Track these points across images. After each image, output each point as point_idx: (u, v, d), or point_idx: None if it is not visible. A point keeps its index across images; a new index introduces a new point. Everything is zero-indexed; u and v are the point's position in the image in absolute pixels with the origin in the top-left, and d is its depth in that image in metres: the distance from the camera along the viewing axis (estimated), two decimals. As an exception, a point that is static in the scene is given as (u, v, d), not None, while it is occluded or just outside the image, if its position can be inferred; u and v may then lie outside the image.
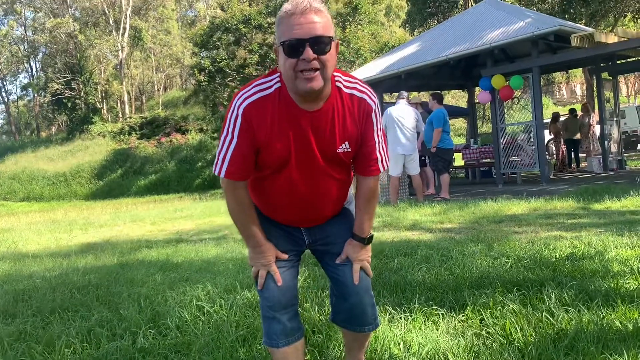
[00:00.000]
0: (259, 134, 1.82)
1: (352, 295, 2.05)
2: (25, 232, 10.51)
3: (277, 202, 2.00)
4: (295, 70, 1.72)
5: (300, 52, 1.70)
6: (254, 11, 25.92)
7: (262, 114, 1.81)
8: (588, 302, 2.86)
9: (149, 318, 3.13)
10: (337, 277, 2.08)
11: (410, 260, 4.19)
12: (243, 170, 1.87)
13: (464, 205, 7.76)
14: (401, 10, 42.63)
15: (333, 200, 2.05)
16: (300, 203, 1.98)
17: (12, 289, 4.30)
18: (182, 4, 55.47)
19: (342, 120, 1.88)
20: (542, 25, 10.24)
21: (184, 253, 5.74)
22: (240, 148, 1.83)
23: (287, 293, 2.02)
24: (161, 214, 12.98)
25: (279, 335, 2.01)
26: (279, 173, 1.91)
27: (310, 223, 2.08)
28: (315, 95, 1.79)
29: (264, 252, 1.99)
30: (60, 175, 32.96)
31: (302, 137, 1.85)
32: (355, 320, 2.10)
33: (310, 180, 1.94)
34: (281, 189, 1.95)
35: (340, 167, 1.99)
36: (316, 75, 1.72)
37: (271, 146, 1.84)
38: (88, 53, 39.46)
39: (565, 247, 4.27)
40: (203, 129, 34.18)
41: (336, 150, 1.90)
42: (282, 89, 1.83)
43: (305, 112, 1.83)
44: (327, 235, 2.10)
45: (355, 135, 1.92)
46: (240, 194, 1.91)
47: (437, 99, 9.69)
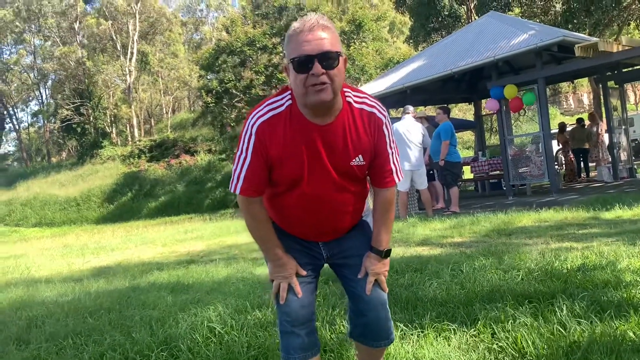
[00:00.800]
0: (272, 151, 1.87)
1: (369, 310, 2.06)
2: (38, 258, 10.58)
3: (293, 217, 2.03)
4: (306, 85, 1.77)
5: (309, 67, 1.75)
6: (258, 33, 26.21)
7: (274, 132, 1.86)
8: (600, 313, 2.83)
9: (160, 341, 3.13)
10: (355, 291, 2.09)
11: (421, 276, 4.18)
12: (257, 187, 1.91)
13: (474, 218, 7.73)
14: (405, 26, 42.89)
15: (349, 213, 2.07)
16: (316, 217, 2.01)
17: (26, 315, 4.33)
18: (188, 27, 56.26)
19: (354, 134, 1.92)
20: (545, 36, 10.27)
21: (194, 274, 5.75)
22: (253, 166, 1.88)
23: (306, 308, 2.03)
24: (172, 235, 13.03)
25: (296, 350, 2.02)
26: (294, 189, 1.95)
27: (328, 237, 2.10)
28: (325, 108, 1.84)
29: (284, 265, 2.01)
30: (71, 200, 33.21)
31: (314, 152, 1.89)
32: (372, 335, 2.11)
33: (325, 195, 1.96)
34: (296, 204, 1.98)
35: (355, 181, 2.01)
36: (326, 87, 1.77)
37: (284, 162, 1.88)
38: (96, 78, 40.02)
39: (577, 258, 4.23)
40: (212, 149, 34.39)
41: (349, 163, 1.93)
42: (293, 106, 1.88)
43: (316, 126, 1.87)
44: (345, 249, 2.11)
45: (368, 149, 1.95)
46: (256, 209, 1.96)
47: (445, 112, 9.72)
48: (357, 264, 2.10)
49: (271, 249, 2.01)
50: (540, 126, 10.73)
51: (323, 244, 2.12)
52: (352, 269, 2.11)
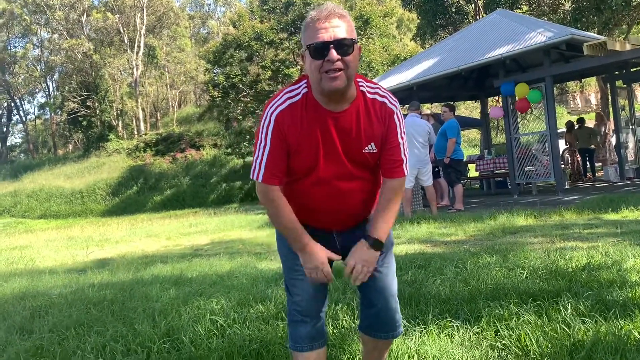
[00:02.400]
0: (290, 137, 1.92)
1: (379, 300, 2.10)
2: (43, 249, 10.62)
3: (309, 205, 2.06)
4: (321, 72, 1.83)
5: (325, 54, 1.81)
6: (266, 27, 26.17)
7: (292, 119, 1.92)
8: (605, 312, 2.81)
9: (163, 333, 3.14)
10: (368, 282, 2.08)
11: (425, 273, 4.17)
12: (277, 174, 1.96)
13: (478, 216, 7.70)
14: (412, 23, 42.77)
15: (363, 200, 2.09)
16: (331, 204, 2.03)
17: (30, 305, 4.35)
18: (195, 21, 56.25)
19: (367, 122, 1.97)
20: (553, 34, 10.20)
21: (198, 267, 5.76)
22: (274, 153, 1.93)
23: (317, 300, 2.09)
24: (176, 229, 13.06)
25: (304, 339, 2.07)
26: (309, 176, 1.99)
27: (343, 225, 2.12)
28: (339, 94, 1.89)
29: (313, 253, 1.99)
30: (76, 193, 33.32)
31: (328, 138, 1.94)
32: (381, 327, 2.13)
33: (339, 181, 2.00)
34: (312, 191, 2.02)
35: (368, 169, 2.05)
36: (340, 75, 1.83)
37: (301, 149, 1.94)
38: (103, 72, 40.08)
39: (582, 257, 4.21)
40: (217, 144, 34.42)
41: (362, 150, 1.97)
42: (309, 93, 1.94)
43: (330, 112, 1.93)
44: (359, 239, 2.09)
45: (381, 137, 2.00)
46: (275, 197, 1.98)
47: (451, 110, 9.68)
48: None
49: (298, 237, 1.99)
50: (547, 125, 10.66)
51: (337, 234, 2.12)
52: None
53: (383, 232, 2.02)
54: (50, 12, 43.14)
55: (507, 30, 11.82)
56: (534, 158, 10.98)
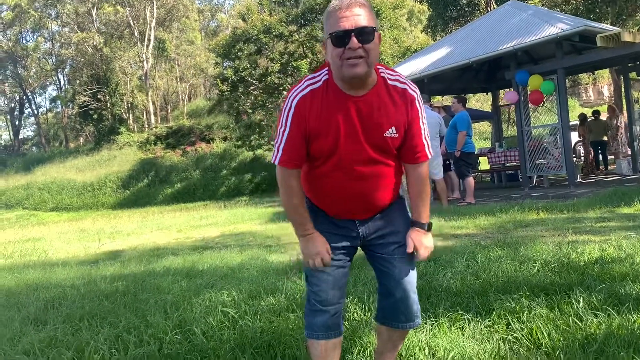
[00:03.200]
0: (310, 122, 1.97)
1: (398, 290, 2.12)
2: (55, 241, 10.73)
3: (330, 192, 2.10)
4: (342, 59, 1.88)
5: (346, 42, 1.86)
6: (275, 20, 26.08)
7: (312, 105, 1.98)
8: (618, 306, 2.79)
9: (175, 324, 3.16)
10: (386, 271, 2.14)
11: (435, 266, 4.16)
12: (295, 159, 2.01)
13: (489, 209, 7.67)
14: (423, 15, 42.47)
15: (383, 187, 2.11)
16: (352, 190, 2.07)
17: (43, 297, 4.39)
18: (204, 14, 56.24)
19: (387, 106, 2.01)
20: (566, 26, 10.09)
21: (209, 260, 5.79)
22: (292, 136, 1.99)
23: (336, 290, 2.12)
24: (187, 221, 13.12)
25: (320, 328, 2.12)
26: (330, 160, 2.03)
27: (364, 213, 2.14)
28: (360, 80, 1.94)
29: (312, 240, 2.07)
30: (88, 185, 33.55)
31: (349, 122, 1.98)
32: (399, 316, 2.16)
33: (359, 167, 2.03)
34: (333, 176, 2.06)
35: (388, 154, 2.07)
36: (361, 62, 1.87)
37: (321, 133, 1.98)
38: (113, 65, 40.21)
39: (594, 250, 4.18)
40: (227, 137, 34.47)
41: (383, 134, 2.00)
42: (330, 80, 2.00)
43: (351, 97, 1.97)
44: (381, 228, 2.16)
45: (402, 122, 2.03)
46: (292, 182, 2.04)
47: (461, 102, 9.62)
48: (392, 242, 2.14)
49: (301, 223, 2.07)
50: (559, 117, 10.58)
51: (360, 222, 2.15)
52: (386, 247, 2.15)
53: (427, 215, 2.17)
54: (60, 5, 43.30)
55: (518, 22, 11.71)
56: (546, 151, 10.90)
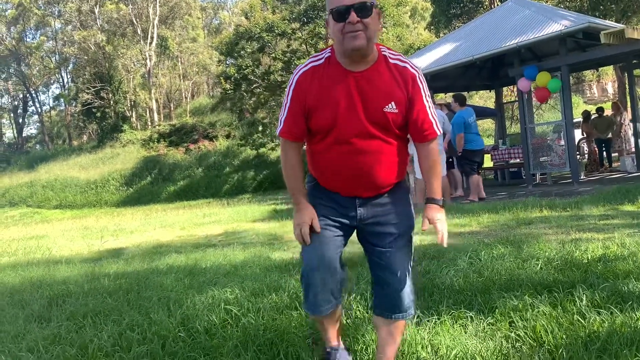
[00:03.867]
0: (310, 97, 2.10)
1: (392, 282, 2.20)
2: (59, 239, 10.75)
3: (331, 168, 2.18)
4: (343, 32, 2.00)
5: (346, 17, 1.99)
6: (278, 18, 26.05)
7: (312, 79, 2.11)
8: (621, 304, 2.79)
9: (178, 322, 3.17)
10: (380, 263, 2.21)
11: (438, 263, 4.16)
12: (294, 131, 2.16)
13: (492, 207, 7.66)
14: (426, 12, 42.37)
15: (383, 164, 2.16)
16: (351, 165, 2.14)
17: (47, 294, 4.41)
18: (207, 12, 56.20)
19: (388, 82, 2.10)
20: (570, 22, 10.05)
21: (212, 257, 5.80)
22: (292, 110, 2.14)
23: (325, 260, 2.15)
24: (190, 219, 13.13)
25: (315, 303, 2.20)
26: (329, 136, 2.12)
27: (365, 190, 2.20)
28: (360, 54, 2.04)
29: (302, 210, 2.19)
30: (91, 183, 33.62)
31: (348, 97, 2.07)
32: (393, 307, 2.22)
33: (358, 142, 2.10)
34: (332, 153, 2.14)
35: (387, 131, 2.13)
36: (360, 34, 1.99)
37: (321, 104, 2.09)
38: (116, 63, 40.24)
39: (597, 248, 4.17)
40: (230, 135, 34.49)
41: (382, 109, 2.08)
42: (332, 57, 2.12)
43: (352, 72, 2.08)
44: (379, 215, 2.22)
45: (402, 100, 2.10)
46: (290, 154, 2.20)
47: (458, 100, 9.56)
48: (388, 233, 2.20)
49: (295, 194, 2.21)
50: (563, 115, 10.55)
51: (360, 202, 2.21)
52: (381, 238, 2.21)
53: (440, 189, 2.26)
54: (62, 3, 43.33)
55: (522, 19, 11.67)
56: (549, 148, 10.87)
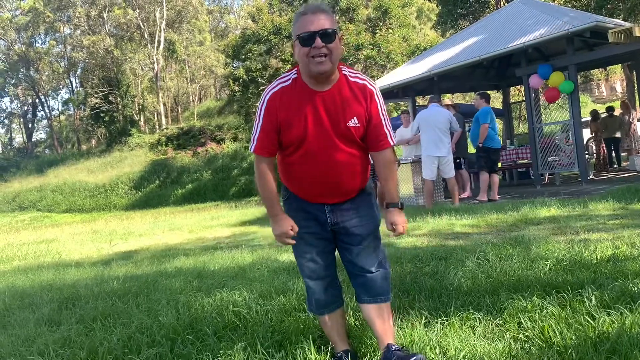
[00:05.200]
0: (280, 114, 2.28)
1: (362, 273, 2.49)
2: (69, 242, 10.83)
3: (301, 178, 2.41)
4: (308, 57, 2.20)
5: (311, 42, 2.19)
6: (285, 21, 26.11)
7: (282, 99, 2.30)
8: (631, 304, 2.76)
9: (186, 324, 3.18)
10: (350, 257, 2.48)
11: (446, 264, 4.15)
12: (267, 147, 2.34)
13: (501, 207, 7.63)
14: (432, 13, 42.27)
15: (348, 174, 2.39)
16: (320, 175, 2.36)
17: (57, 297, 4.44)
18: (214, 15, 56.41)
19: (349, 99, 2.31)
20: (577, 21, 10.00)
21: (220, 260, 5.82)
22: (265, 128, 2.32)
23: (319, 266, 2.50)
24: (198, 222, 13.19)
25: (318, 306, 2.57)
26: (300, 147, 2.32)
27: (332, 197, 2.43)
28: (325, 76, 2.26)
29: (281, 221, 2.38)
30: (100, 187, 33.81)
31: (316, 113, 2.28)
32: (369, 291, 2.49)
33: (326, 154, 2.32)
34: (302, 165, 2.36)
35: (352, 142, 2.35)
36: (325, 60, 2.20)
37: (291, 123, 2.28)
38: (124, 67, 40.46)
39: (607, 248, 4.14)
40: (237, 137, 34.58)
41: (346, 124, 2.30)
42: (298, 78, 2.32)
43: (317, 92, 2.29)
44: (347, 219, 2.45)
45: (362, 114, 2.32)
46: (263, 169, 2.38)
47: (484, 97, 9.56)
48: (357, 234, 2.45)
49: (273, 205, 2.41)
50: (571, 114, 10.49)
51: (329, 210, 2.45)
52: (349, 236, 2.46)
53: (397, 193, 2.49)
54: (72, 8, 43.65)
55: (529, 18, 11.63)
56: (558, 148, 10.81)
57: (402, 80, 12.81)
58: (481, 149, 9.25)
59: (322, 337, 2.80)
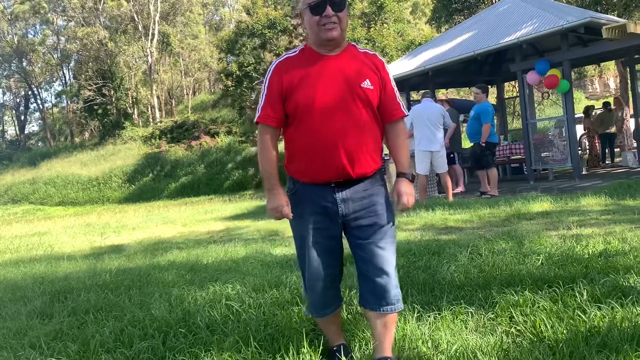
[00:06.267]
0: (286, 80, 2.27)
1: (377, 276, 2.30)
2: (61, 235, 10.78)
3: (311, 147, 2.27)
4: (319, 25, 2.24)
5: (322, 10, 2.23)
6: (280, 15, 26.02)
7: (288, 66, 2.31)
8: (622, 298, 2.79)
9: (179, 318, 3.18)
10: (363, 255, 2.32)
11: (439, 259, 4.16)
12: (272, 115, 2.30)
13: (494, 202, 7.66)
14: (427, 7, 42.24)
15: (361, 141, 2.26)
16: (332, 142, 2.23)
17: (49, 290, 4.42)
18: (208, 8, 56.12)
19: (361, 64, 2.31)
20: (571, 17, 10.02)
21: (213, 254, 5.81)
22: (270, 96, 2.30)
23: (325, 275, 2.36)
24: (192, 215, 13.16)
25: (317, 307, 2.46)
26: (309, 114, 2.24)
27: (344, 172, 2.26)
28: (335, 43, 2.28)
29: (276, 195, 2.32)
30: (93, 180, 33.64)
31: (326, 75, 2.26)
32: (380, 300, 2.31)
33: (338, 117, 2.23)
34: (313, 132, 2.25)
35: (366, 107, 2.28)
36: (335, 27, 2.24)
37: (298, 86, 2.25)
38: (118, 60, 40.22)
39: (598, 243, 4.17)
40: (232, 131, 34.48)
41: (360, 84, 2.26)
42: (306, 48, 2.35)
43: (327, 55, 2.30)
44: (360, 209, 2.31)
45: (376, 80, 2.31)
46: (267, 139, 2.32)
47: (484, 91, 9.37)
48: (368, 225, 2.31)
49: (271, 178, 2.34)
50: (564, 110, 10.52)
51: (341, 199, 2.30)
52: (363, 230, 2.31)
53: (408, 165, 2.40)
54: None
55: (524, 14, 11.64)
56: (551, 144, 10.84)
57: (397, 75, 12.78)
58: (485, 146, 9.22)
59: (315, 330, 2.80)
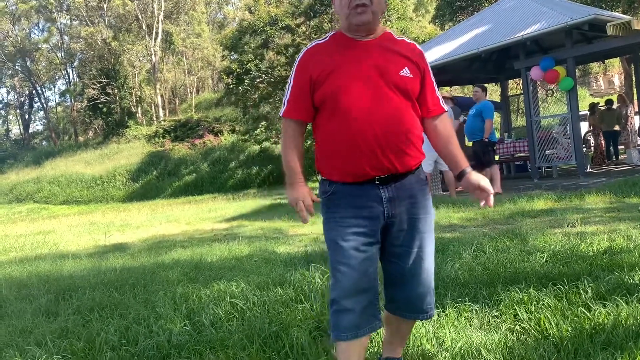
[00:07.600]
0: (314, 71, 2.08)
1: (413, 285, 2.11)
2: (66, 234, 10.82)
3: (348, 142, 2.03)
4: (350, 7, 2.04)
5: None
6: (281, 12, 25.98)
7: (317, 55, 2.12)
8: (626, 296, 2.78)
9: (184, 315, 3.19)
10: (400, 263, 2.10)
11: (443, 256, 4.16)
12: (298, 108, 2.13)
13: (498, 200, 7.64)
14: (431, 5, 42.14)
15: (402, 131, 2.05)
16: (371, 135, 2.00)
17: (54, 288, 4.44)
18: (212, 7, 56.13)
19: (399, 51, 2.12)
20: (576, 14, 9.97)
21: (217, 252, 5.82)
22: (296, 87, 2.13)
23: (361, 277, 2.01)
24: (196, 214, 13.18)
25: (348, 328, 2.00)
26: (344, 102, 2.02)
27: (385, 165, 2.04)
28: (367, 28, 2.09)
29: (297, 187, 2.13)
30: (97, 179, 33.71)
31: (359, 61, 2.07)
32: (412, 308, 2.14)
33: (375, 107, 2.02)
34: (351, 122, 2.01)
35: (405, 97, 2.08)
36: (367, 9, 2.04)
37: (329, 77, 2.05)
38: (122, 59, 40.28)
39: (603, 240, 4.16)
40: (235, 129, 34.48)
41: (398, 72, 2.07)
42: (337, 34, 2.16)
43: (360, 41, 2.11)
44: (406, 208, 2.10)
45: (415, 70, 2.12)
46: (291, 134, 2.16)
47: (484, 90, 9.45)
48: (410, 229, 2.10)
49: (293, 173, 2.15)
50: (569, 107, 10.48)
51: (386, 198, 2.06)
52: (404, 235, 2.09)
53: (464, 157, 2.22)
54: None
55: (528, 11, 11.59)
56: (555, 141, 10.81)
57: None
58: (488, 143, 9.21)
59: (319, 328, 2.81)
